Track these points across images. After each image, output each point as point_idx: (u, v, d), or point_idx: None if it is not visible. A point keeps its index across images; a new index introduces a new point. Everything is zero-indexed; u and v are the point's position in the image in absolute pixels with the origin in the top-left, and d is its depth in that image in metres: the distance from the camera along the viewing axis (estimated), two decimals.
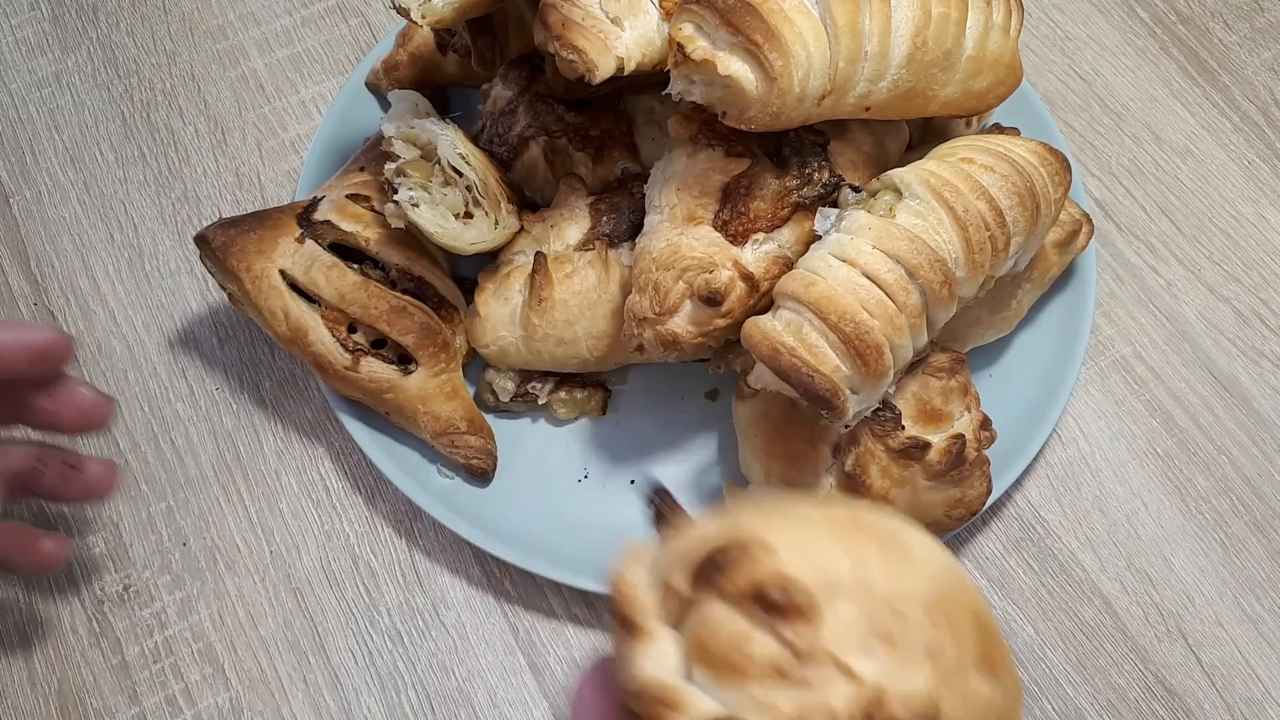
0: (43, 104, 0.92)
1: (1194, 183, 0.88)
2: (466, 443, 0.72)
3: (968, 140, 0.67)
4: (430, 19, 0.66)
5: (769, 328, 0.60)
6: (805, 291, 0.60)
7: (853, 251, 0.60)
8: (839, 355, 0.59)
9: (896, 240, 0.60)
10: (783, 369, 0.59)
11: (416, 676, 0.71)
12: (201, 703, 0.70)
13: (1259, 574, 0.73)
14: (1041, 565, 0.73)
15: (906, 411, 0.66)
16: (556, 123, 0.76)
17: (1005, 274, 0.66)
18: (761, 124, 0.62)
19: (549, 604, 0.72)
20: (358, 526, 0.75)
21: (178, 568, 0.74)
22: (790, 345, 0.59)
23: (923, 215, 0.61)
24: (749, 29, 0.59)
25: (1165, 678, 0.70)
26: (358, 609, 0.73)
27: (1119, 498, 0.76)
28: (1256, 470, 0.76)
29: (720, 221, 0.65)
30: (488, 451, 0.72)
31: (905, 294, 0.60)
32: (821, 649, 0.36)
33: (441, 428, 0.71)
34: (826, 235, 0.63)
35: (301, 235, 0.72)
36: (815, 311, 0.59)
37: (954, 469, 0.65)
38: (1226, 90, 0.92)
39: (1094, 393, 0.79)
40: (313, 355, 0.71)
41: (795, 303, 0.60)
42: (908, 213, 0.61)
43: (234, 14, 0.96)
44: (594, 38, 0.63)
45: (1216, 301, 0.83)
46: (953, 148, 0.65)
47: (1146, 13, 0.96)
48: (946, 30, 0.63)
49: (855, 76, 0.62)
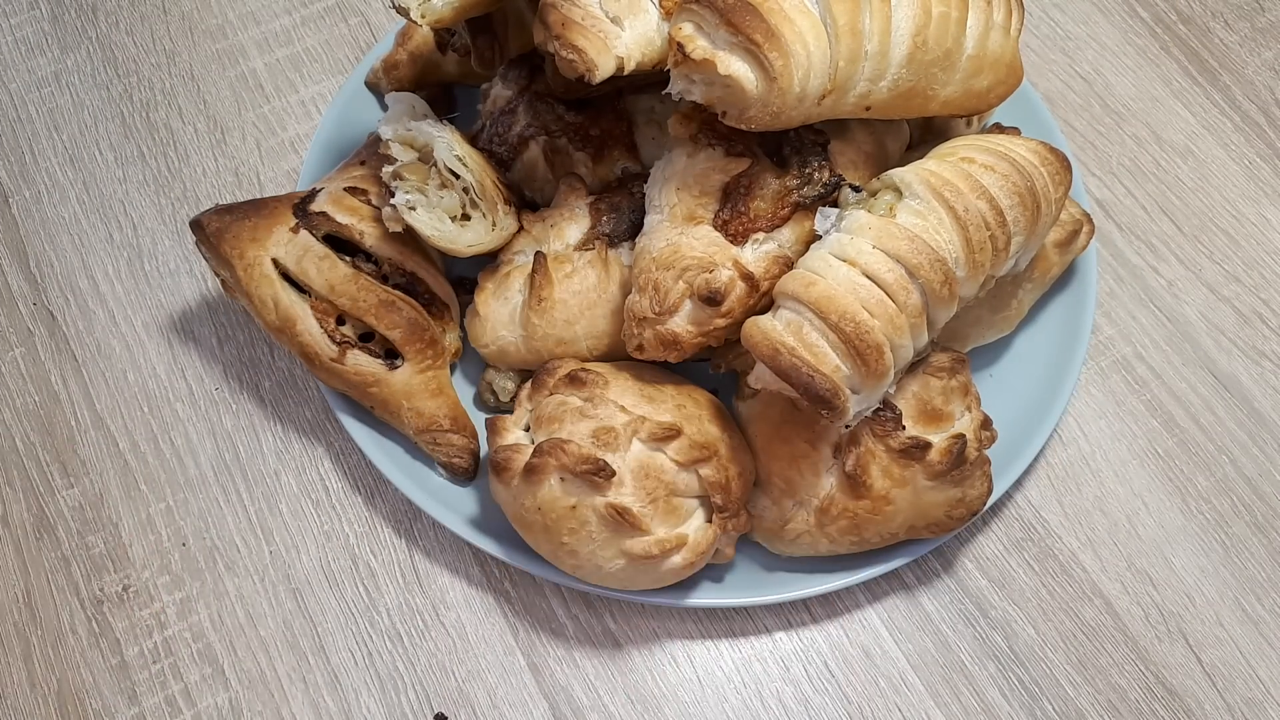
0: (42, 103, 0.92)
1: (1195, 182, 0.88)
2: (449, 441, 0.72)
3: (968, 140, 0.67)
4: (430, 18, 0.66)
5: (769, 327, 0.60)
6: (805, 291, 0.59)
7: (853, 251, 0.60)
8: (839, 355, 0.59)
9: (897, 240, 0.60)
10: (783, 369, 0.59)
11: (416, 677, 0.70)
12: (201, 703, 0.70)
13: (1260, 574, 0.73)
14: (1042, 565, 0.73)
15: (907, 411, 0.66)
16: (556, 122, 0.76)
17: (1006, 274, 0.66)
18: (761, 123, 0.61)
19: (548, 604, 0.72)
20: (357, 527, 0.75)
21: (177, 568, 0.74)
22: (790, 345, 0.59)
23: (923, 215, 0.61)
24: (749, 28, 0.58)
25: (1166, 678, 0.70)
26: (357, 609, 0.72)
27: (1120, 498, 0.76)
28: (1257, 470, 0.76)
29: (720, 221, 0.65)
30: (470, 451, 0.72)
31: (906, 294, 0.60)
32: (607, 398, 0.65)
33: (424, 424, 0.71)
34: (826, 235, 0.63)
35: (296, 225, 0.72)
36: (815, 311, 0.59)
37: (955, 469, 0.65)
38: (1227, 90, 0.92)
39: (1095, 393, 0.79)
40: (300, 345, 0.71)
41: (795, 302, 0.60)
42: (908, 212, 0.61)
43: (233, 13, 0.96)
44: (594, 37, 0.63)
45: (1217, 301, 0.83)
46: (953, 147, 0.65)
47: (1147, 12, 0.96)
48: (947, 30, 0.63)
49: (856, 76, 0.62)
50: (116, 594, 0.73)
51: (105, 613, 0.72)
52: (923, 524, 0.67)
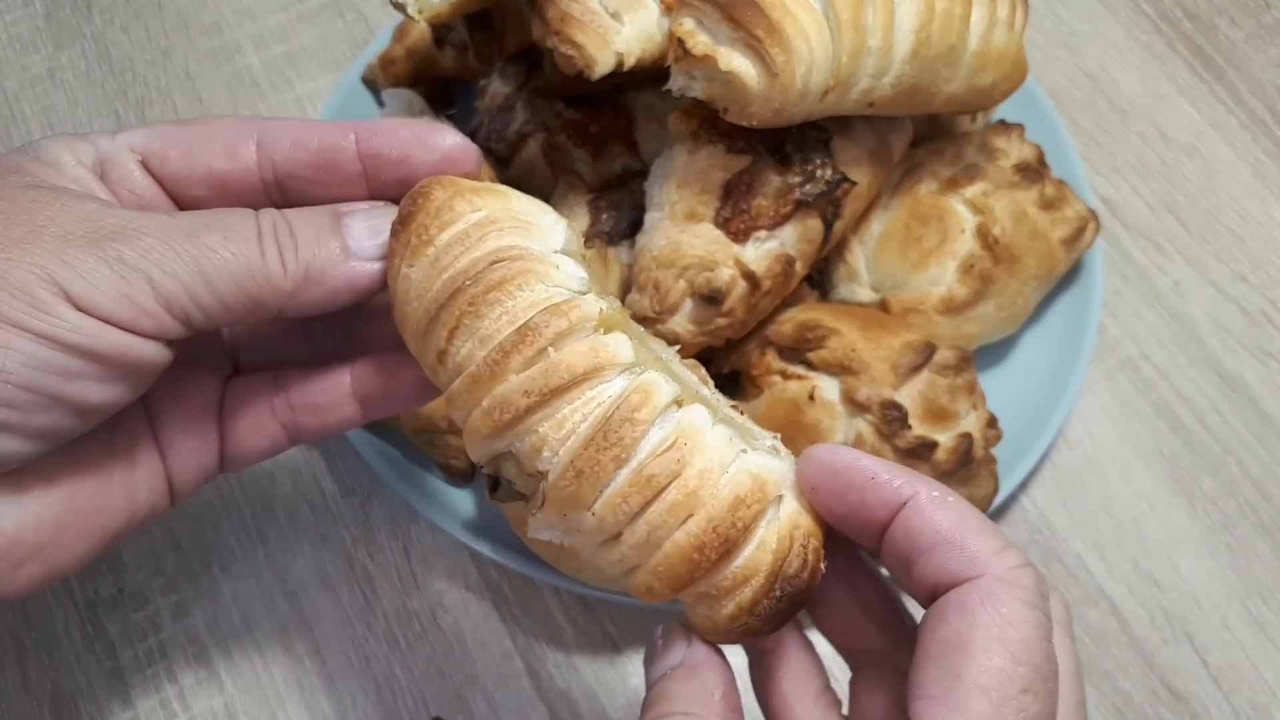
0: (36, 101, 0.91)
1: (1200, 180, 0.87)
2: (446, 442, 0.71)
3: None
4: (427, 14, 0.65)
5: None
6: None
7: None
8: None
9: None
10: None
11: (413, 680, 0.70)
12: (196, 706, 0.69)
13: (1266, 577, 0.72)
14: (1048, 568, 0.72)
15: (913, 410, 0.65)
16: (555, 119, 0.76)
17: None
18: (763, 120, 0.61)
19: (547, 608, 0.72)
20: (354, 529, 0.74)
21: (172, 571, 0.73)
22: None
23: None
24: (750, 24, 0.58)
25: (1171, 681, 0.69)
26: (354, 612, 0.72)
27: (1125, 499, 0.75)
28: (1264, 471, 0.76)
29: (721, 219, 0.65)
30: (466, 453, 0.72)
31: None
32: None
33: (421, 425, 0.71)
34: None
35: None
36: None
37: (962, 467, 0.64)
38: (1233, 87, 0.91)
39: (1100, 393, 0.78)
40: None
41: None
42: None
43: (229, 10, 0.95)
44: (593, 33, 0.62)
45: (1223, 300, 0.82)
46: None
47: (1153, 9, 0.95)
48: (951, 25, 0.62)
49: (858, 72, 0.61)
50: (111, 597, 0.72)
51: (100, 616, 0.72)
52: None
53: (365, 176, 0.44)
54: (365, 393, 0.48)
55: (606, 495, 0.38)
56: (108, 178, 0.43)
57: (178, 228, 0.40)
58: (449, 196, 0.42)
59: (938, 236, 0.70)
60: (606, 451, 0.37)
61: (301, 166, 0.44)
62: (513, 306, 0.39)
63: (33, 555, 0.41)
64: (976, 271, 0.69)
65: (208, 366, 0.48)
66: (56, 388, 0.38)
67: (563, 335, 0.38)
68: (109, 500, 0.44)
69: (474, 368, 0.39)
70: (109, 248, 0.38)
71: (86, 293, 0.38)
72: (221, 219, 0.41)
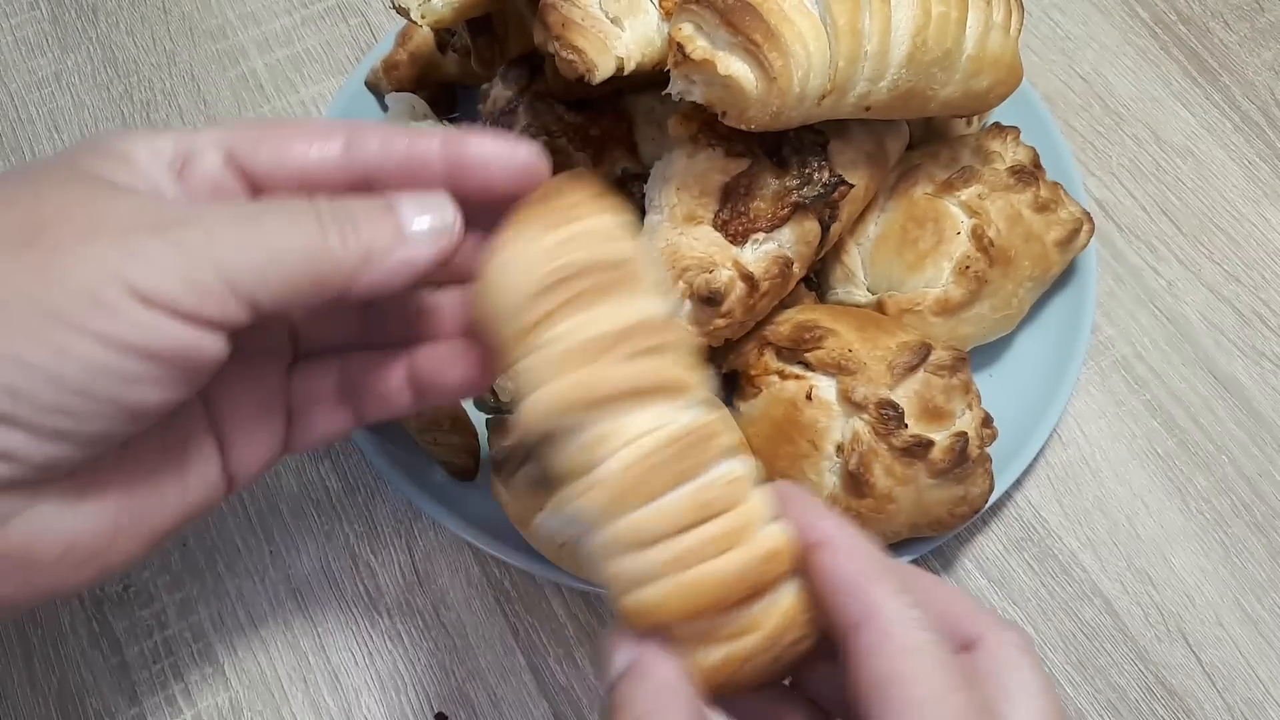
0: (42, 104, 0.92)
1: (1194, 183, 0.88)
2: (449, 440, 0.72)
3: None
4: (430, 19, 0.66)
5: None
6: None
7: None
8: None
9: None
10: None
11: (416, 676, 0.70)
12: (201, 703, 0.70)
13: (1259, 574, 0.73)
14: (1042, 566, 0.73)
15: (909, 409, 0.66)
16: (556, 122, 0.76)
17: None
18: (761, 124, 0.61)
19: (549, 605, 0.72)
20: (357, 526, 0.75)
21: (177, 568, 0.74)
22: None
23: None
24: (748, 29, 0.59)
25: (1165, 678, 0.70)
26: (358, 609, 0.72)
27: (1119, 498, 0.76)
28: (1257, 470, 0.76)
29: (720, 221, 0.65)
30: (470, 450, 0.72)
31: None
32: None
33: (423, 423, 0.71)
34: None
35: None
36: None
37: (958, 466, 0.65)
38: (1227, 90, 0.92)
39: (1094, 393, 0.79)
40: None
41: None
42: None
43: (234, 14, 0.96)
44: (593, 38, 0.63)
45: (1217, 302, 0.83)
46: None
47: (1147, 12, 0.96)
48: (947, 30, 0.63)
49: (855, 76, 0.62)
50: (117, 594, 0.73)
51: (105, 612, 0.72)
52: (925, 522, 0.67)
53: (447, 181, 0.44)
54: (421, 380, 0.48)
55: (661, 503, 0.38)
56: (187, 173, 0.42)
57: (239, 214, 0.39)
58: (593, 194, 0.42)
59: (933, 238, 0.71)
60: (680, 462, 0.38)
61: (389, 168, 0.44)
62: (630, 303, 0.40)
63: (89, 559, 0.40)
64: (972, 273, 0.70)
65: (271, 355, 0.48)
66: (115, 392, 0.37)
67: (673, 344, 0.40)
68: (162, 500, 0.43)
69: (582, 340, 0.38)
70: (171, 233, 0.37)
71: (151, 278, 0.36)
72: (281, 204, 0.41)
